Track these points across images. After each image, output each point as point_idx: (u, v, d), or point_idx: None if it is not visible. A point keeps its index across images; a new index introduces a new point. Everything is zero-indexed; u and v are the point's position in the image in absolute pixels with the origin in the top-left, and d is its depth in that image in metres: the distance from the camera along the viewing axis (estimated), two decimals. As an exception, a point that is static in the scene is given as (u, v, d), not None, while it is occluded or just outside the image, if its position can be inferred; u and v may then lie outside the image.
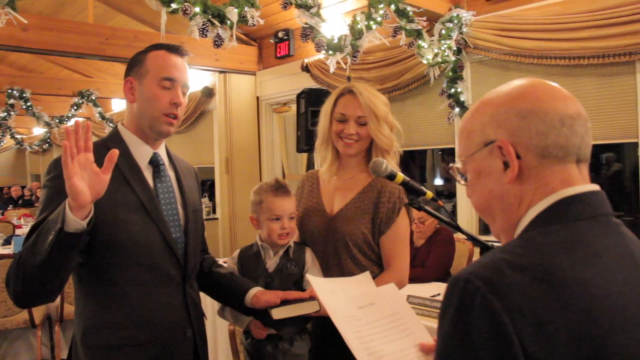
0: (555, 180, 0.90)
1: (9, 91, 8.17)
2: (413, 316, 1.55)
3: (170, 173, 1.77)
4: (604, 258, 0.84)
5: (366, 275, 1.84)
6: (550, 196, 0.89)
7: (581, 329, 0.76)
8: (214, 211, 7.26)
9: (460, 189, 4.80)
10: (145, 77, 1.66)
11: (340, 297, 1.56)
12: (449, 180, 7.29)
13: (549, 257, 0.81)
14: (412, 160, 7.62)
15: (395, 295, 1.62)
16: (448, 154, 7.20)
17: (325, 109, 2.04)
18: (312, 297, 1.71)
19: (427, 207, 1.61)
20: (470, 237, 1.58)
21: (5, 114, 8.80)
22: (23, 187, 13.43)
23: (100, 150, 1.45)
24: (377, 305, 1.54)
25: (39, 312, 4.47)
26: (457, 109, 4.55)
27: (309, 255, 1.98)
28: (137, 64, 1.69)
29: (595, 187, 0.91)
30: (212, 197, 7.56)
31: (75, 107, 8.81)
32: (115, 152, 1.40)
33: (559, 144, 0.90)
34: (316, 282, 1.67)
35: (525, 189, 0.92)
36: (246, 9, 3.32)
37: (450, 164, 1.05)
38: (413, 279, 3.41)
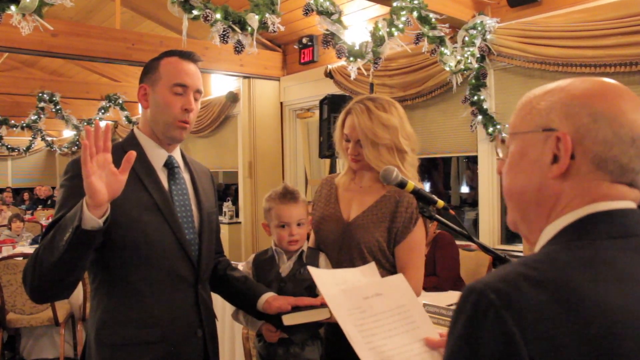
0: (599, 193, 0.84)
1: (40, 94, 8.38)
2: (420, 309, 1.50)
3: (185, 176, 1.80)
4: (629, 281, 0.77)
5: (371, 266, 1.78)
6: (584, 208, 0.84)
7: (597, 354, 0.71)
8: (237, 215, 7.31)
9: (484, 198, 4.76)
10: (157, 83, 1.69)
11: (344, 289, 1.51)
12: (473, 188, 7.22)
13: (570, 276, 0.76)
14: (435, 168, 7.56)
15: (402, 287, 1.56)
16: (473, 162, 7.14)
17: (338, 124, 2.03)
18: (324, 304, 1.70)
19: (438, 216, 1.60)
20: (483, 247, 1.56)
21: (36, 116, 9.03)
22: (53, 188, 13.71)
23: (117, 152, 1.48)
24: (384, 297, 1.49)
25: (62, 310, 4.56)
26: (479, 117, 4.52)
27: (322, 260, 1.98)
28: (151, 71, 1.72)
29: (631, 205, 0.85)
30: (235, 201, 7.61)
31: (102, 111, 8.99)
32: (132, 154, 1.44)
33: (620, 161, 0.83)
34: (318, 274, 1.62)
35: (566, 190, 0.85)
36: (267, 15, 3.34)
37: (499, 134, 0.99)
38: (429, 288, 3.40)
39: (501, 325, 0.71)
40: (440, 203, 1.59)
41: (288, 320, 1.73)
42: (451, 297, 3.25)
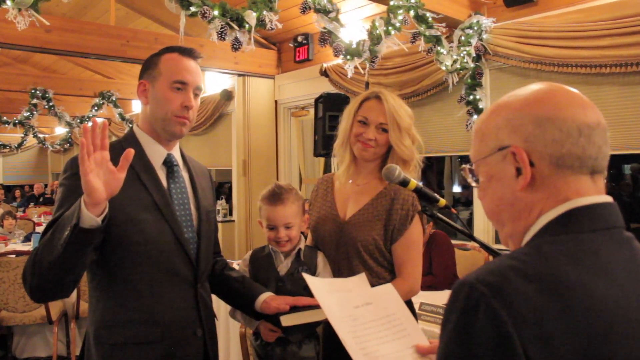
0: (568, 189, 0.88)
1: (33, 91, 8.33)
2: (409, 317, 1.53)
3: (184, 174, 1.79)
4: (612, 271, 0.82)
5: (362, 277, 1.82)
6: (562, 205, 0.87)
7: (585, 340, 0.75)
8: (231, 213, 7.29)
9: (478, 197, 4.76)
10: (157, 79, 1.68)
11: (336, 297, 1.55)
12: (467, 187, 7.24)
13: (556, 267, 0.80)
14: (430, 167, 7.57)
15: (392, 296, 1.60)
16: (466, 161, 7.13)
17: (349, 110, 2.03)
18: None
19: (440, 215, 1.59)
20: (484, 246, 1.56)
21: (29, 113, 8.98)
22: (45, 185, 13.63)
23: (116, 150, 1.47)
24: (374, 305, 1.52)
25: (55, 308, 4.53)
26: (475, 116, 4.52)
27: (320, 259, 1.98)
28: (151, 67, 1.71)
29: (608, 199, 0.89)
30: (229, 200, 7.59)
31: (96, 108, 8.95)
32: (130, 152, 1.43)
33: (575, 154, 0.87)
34: (312, 281, 1.65)
35: (537, 197, 0.89)
36: (265, 12, 3.33)
37: (463, 165, 1.04)
38: (425, 287, 3.39)
39: (493, 315, 0.75)
40: (442, 202, 1.59)
41: (286, 321, 1.72)
42: (447, 296, 3.24)
